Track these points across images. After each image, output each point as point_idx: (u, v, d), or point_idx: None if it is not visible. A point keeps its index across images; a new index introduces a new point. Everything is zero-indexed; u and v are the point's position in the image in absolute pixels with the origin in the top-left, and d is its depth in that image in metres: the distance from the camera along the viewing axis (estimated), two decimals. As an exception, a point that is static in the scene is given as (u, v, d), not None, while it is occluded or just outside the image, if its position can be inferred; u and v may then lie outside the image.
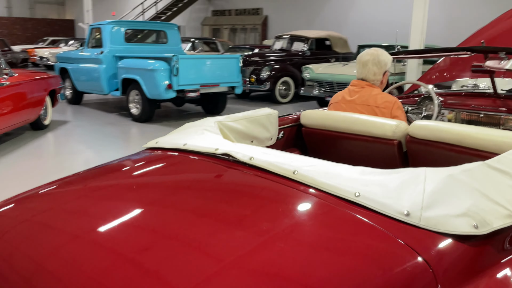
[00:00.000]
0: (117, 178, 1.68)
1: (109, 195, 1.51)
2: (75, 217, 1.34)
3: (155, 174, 1.70)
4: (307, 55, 11.46)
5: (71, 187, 1.61)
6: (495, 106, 3.10)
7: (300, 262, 1.05)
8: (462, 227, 1.17)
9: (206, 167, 1.62)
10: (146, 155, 1.84)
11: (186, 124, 2.19)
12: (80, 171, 1.76)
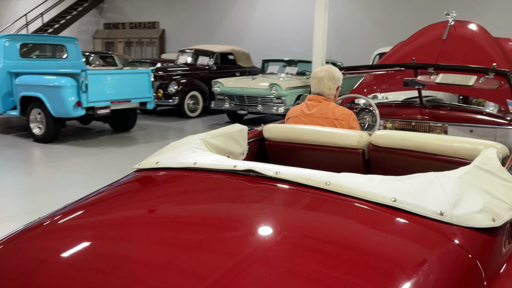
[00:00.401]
0: (146, 200, 1.63)
1: (161, 217, 1.48)
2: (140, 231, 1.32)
3: (191, 194, 1.67)
4: (213, 69, 11.60)
5: (102, 210, 1.57)
6: (422, 115, 3.50)
7: (373, 257, 1.17)
8: (485, 221, 1.36)
9: (235, 184, 1.64)
10: (161, 176, 1.80)
11: (172, 143, 2.17)
12: (90, 196, 1.68)
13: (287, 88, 9.30)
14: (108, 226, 1.45)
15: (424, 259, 1.23)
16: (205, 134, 2.32)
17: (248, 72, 12.42)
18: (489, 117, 3.30)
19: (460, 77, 3.09)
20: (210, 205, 1.56)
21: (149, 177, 1.82)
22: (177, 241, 1.30)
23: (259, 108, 9.38)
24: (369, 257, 1.22)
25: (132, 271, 1.15)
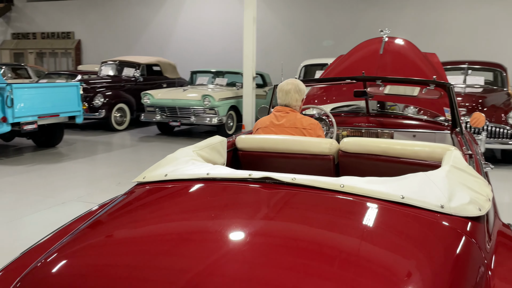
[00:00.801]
0: (181, 212, 1.69)
1: (205, 226, 1.56)
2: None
3: (220, 202, 1.76)
4: (140, 81, 11.42)
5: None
6: (369, 122, 3.85)
7: (396, 245, 1.39)
8: (474, 211, 1.63)
9: (255, 191, 1.76)
10: (178, 187, 1.86)
11: (167, 156, 2.23)
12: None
13: (219, 99, 9.45)
14: (159, 239, 1.51)
15: (437, 243, 1.47)
16: (194, 146, 2.42)
17: (175, 83, 12.40)
18: (429, 123, 3.73)
19: (406, 88, 3.48)
20: (245, 210, 1.68)
21: (164, 188, 1.89)
22: (239, 245, 1.41)
23: (192, 119, 9.43)
24: (393, 244, 1.43)
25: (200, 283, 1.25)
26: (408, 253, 1.39)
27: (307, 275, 1.24)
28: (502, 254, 1.65)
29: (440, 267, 1.34)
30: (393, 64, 4.17)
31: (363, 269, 1.29)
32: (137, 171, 6.59)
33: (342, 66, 4.48)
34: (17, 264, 1.71)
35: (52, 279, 1.37)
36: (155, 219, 1.67)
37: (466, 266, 1.41)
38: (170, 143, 9.20)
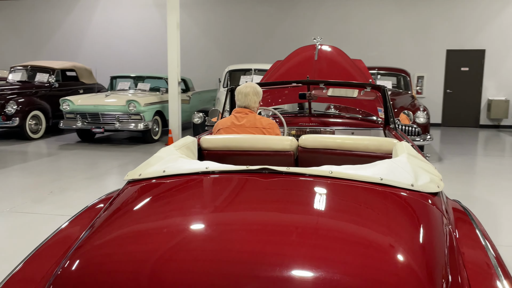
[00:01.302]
0: (197, 202, 1.84)
1: (227, 213, 1.74)
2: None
3: (230, 191, 1.92)
4: (55, 87, 10.91)
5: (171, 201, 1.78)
6: (311, 122, 4.21)
7: (380, 215, 1.71)
8: (435, 188, 2.00)
9: (256, 180, 1.97)
10: (179, 181, 2.00)
11: (155, 155, 2.36)
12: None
13: (145, 104, 9.39)
14: (189, 226, 1.67)
15: (414, 212, 1.81)
16: (173, 146, 2.57)
17: (92, 89, 12.00)
18: (364, 122, 4.18)
19: (346, 90, 3.88)
20: (254, 195, 1.88)
21: (165, 183, 2.02)
22: (257, 223, 1.63)
23: (117, 125, 9.25)
24: (379, 214, 1.75)
25: (231, 251, 1.45)
26: (394, 220, 1.71)
27: (318, 237, 1.53)
28: (459, 222, 2.04)
29: (419, 228, 1.67)
30: (328, 69, 4.58)
31: (362, 230, 1.62)
32: (67, 179, 6.43)
33: (281, 71, 4.81)
34: (23, 272, 1.75)
35: (91, 276, 1.46)
36: (176, 209, 1.81)
37: (438, 228, 1.75)
38: (93, 150, 8.94)
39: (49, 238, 1.99)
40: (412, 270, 1.41)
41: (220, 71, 14.00)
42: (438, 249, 1.61)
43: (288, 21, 14.18)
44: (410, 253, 1.48)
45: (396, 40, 13.56)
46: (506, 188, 6.36)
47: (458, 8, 13.14)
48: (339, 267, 1.40)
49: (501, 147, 10.30)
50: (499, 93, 13.28)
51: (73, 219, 2.14)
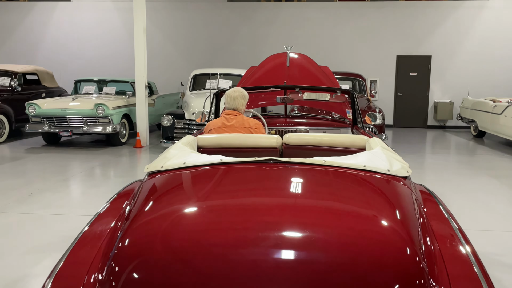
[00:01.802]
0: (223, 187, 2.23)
1: (247, 193, 2.14)
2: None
3: (245, 177, 2.32)
4: (17, 91, 10.82)
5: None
6: (287, 123, 4.67)
7: (369, 198, 2.17)
8: (405, 173, 2.50)
9: (265, 169, 2.38)
10: (200, 171, 2.37)
11: (167, 150, 2.73)
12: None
13: (113, 107, 9.55)
14: (221, 207, 2.06)
15: (392, 191, 2.28)
16: (181, 143, 2.94)
17: (53, 92, 11.96)
18: (333, 122, 4.69)
19: (319, 94, 4.36)
20: (266, 180, 2.29)
21: (185, 174, 2.40)
22: (269, 198, 2.05)
23: (85, 128, 9.36)
24: (365, 192, 2.22)
25: (262, 220, 1.87)
26: (377, 195, 2.18)
27: (321, 208, 1.98)
28: (425, 201, 2.54)
29: (397, 203, 2.15)
30: (299, 74, 5.06)
31: (354, 202, 2.08)
32: (42, 181, 6.58)
33: (256, 76, 5.24)
34: (74, 255, 2.00)
35: (148, 249, 1.79)
36: (205, 191, 2.20)
37: (410, 202, 2.24)
38: (61, 153, 9.01)
39: (89, 225, 2.27)
40: (395, 230, 1.87)
41: (182, 74, 14.31)
42: (412, 217, 2.09)
43: (248, 26, 14.66)
44: (392, 219, 1.95)
45: (350, 47, 14.35)
46: (451, 180, 7.11)
47: (407, 17, 14.12)
48: (342, 227, 1.84)
49: (446, 145, 11.22)
50: (444, 96, 14.36)
51: (106, 207, 2.45)
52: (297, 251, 1.69)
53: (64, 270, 1.89)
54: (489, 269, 3.58)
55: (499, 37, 13.95)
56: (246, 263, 1.65)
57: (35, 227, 4.74)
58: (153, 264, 1.68)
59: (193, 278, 1.63)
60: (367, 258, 1.66)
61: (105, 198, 6.03)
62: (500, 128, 10.41)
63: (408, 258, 1.70)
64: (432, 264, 1.81)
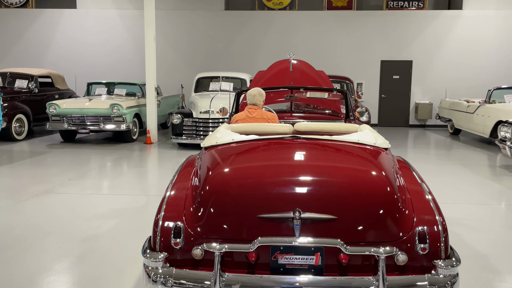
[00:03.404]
0: (268, 150, 3.30)
1: (280, 154, 3.21)
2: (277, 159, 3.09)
3: (279, 147, 3.37)
4: (35, 92, 11.74)
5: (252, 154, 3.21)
6: (292, 117, 5.74)
7: (361, 158, 3.26)
8: (386, 145, 3.59)
9: (289, 142, 3.43)
10: (247, 143, 3.42)
11: (217, 130, 3.79)
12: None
13: (127, 107, 10.54)
14: (269, 157, 3.14)
15: (377, 156, 3.36)
16: (223, 127, 3.99)
17: (64, 94, 12.89)
18: (330, 116, 5.79)
19: (320, 94, 5.45)
20: (292, 148, 3.35)
21: (235, 146, 3.44)
22: (294, 157, 3.13)
23: (102, 126, 10.34)
24: (360, 155, 3.29)
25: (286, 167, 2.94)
26: (367, 158, 3.25)
27: (328, 162, 3.05)
28: (401, 167, 3.62)
29: (382, 165, 3.22)
30: (301, 77, 6.15)
31: (352, 162, 3.15)
32: (74, 170, 7.55)
33: (265, 78, 6.32)
34: (171, 199, 3.03)
35: (231, 179, 2.87)
36: (255, 153, 3.26)
37: (391, 165, 3.32)
38: (80, 149, 9.97)
39: (173, 183, 3.24)
40: (380, 175, 2.95)
41: (181, 77, 15.34)
42: (391, 172, 3.17)
43: (245, 32, 15.76)
44: (378, 170, 3.03)
45: (338, 52, 15.55)
46: (431, 170, 8.27)
47: (390, 26, 15.36)
48: (345, 172, 2.93)
49: (426, 141, 12.43)
50: (424, 98, 15.63)
51: (179, 173, 3.45)
52: (317, 179, 2.78)
53: (169, 206, 2.90)
54: (452, 228, 4.78)
55: (473, 43, 15.28)
56: (288, 188, 2.73)
57: (86, 203, 5.74)
58: (229, 194, 2.75)
59: (255, 201, 2.69)
60: (362, 189, 2.74)
61: (134, 182, 7.06)
62: (473, 126, 11.65)
63: (388, 191, 2.77)
64: (403, 198, 2.88)
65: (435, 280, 2.50)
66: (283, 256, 2.58)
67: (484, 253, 4.19)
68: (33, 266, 3.78)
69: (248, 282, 2.53)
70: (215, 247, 2.53)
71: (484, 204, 5.94)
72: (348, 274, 2.57)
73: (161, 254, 2.62)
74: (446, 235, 2.64)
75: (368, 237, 2.60)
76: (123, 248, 4.22)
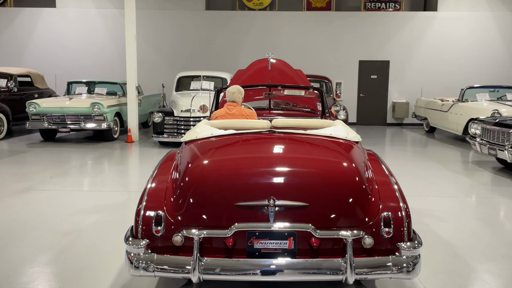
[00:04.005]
0: (241, 143, 3.46)
1: (254, 147, 3.37)
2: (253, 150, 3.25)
3: (254, 139, 3.54)
4: (14, 91, 11.68)
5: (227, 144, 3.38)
6: (270, 114, 5.93)
7: (332, 150, 3.46)
8: (357, 139, 3.80)
9: (265, 136, 3.61)
10: (223, 137, 3.59)
11: (198, 125, 3.94)
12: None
13: (108, 106, 10.59)
14: (243, 149, 3.31)
15: (349, 149, 3.56)
16: (203, 123, 4.14)
17: (44, 93, 12.84)
18: (307, 113, 5.99)
19: (297, 91, 5.63)
20: (268, 141, 3.53)
21: (214, 140, 3.60)
22: (270, 150, 3.30)
23: (82, 125, 10.36)
24: (332, 148, 3.49)
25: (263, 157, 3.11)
26: (339, 150, 3.45)
27: (301, 154, 3.24)
28: (371, 160, 3.83)
29: (352, 157, 3.42)
30: (279, 76, 6.34)
31: (324, 154, 3.34)
32: (55, 169, 7.57)
33: (244, 77, 6.48)
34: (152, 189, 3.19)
35: (208, 170, 3.03)
36: (232, 146, 3.43)
37: (361, 157, 3.53)
38: (61, 147, 9.98)
39: (155, 175, 3.39)
40: (350, 166, 3.14)
41: (162, 77, 15.41)
42: (361, 164, 3.37)
43: (224, 32, 15.90)
44: (349, 161, 3.23)
45: (318, 52, 15.82)
46: (406, 166, 8.55)
47: (368, 26, 15.70)
48: (317, 162, 3.12)
49: (403, 139, 12.76)
50: (401, 97, 16.01)
51: (160, 166, 3.60)
52: (291, 169, 2.96)
53: (150, 196, 3.03)
54: (421, 219, 5.03)
55: (447, 44, 15.72)
56: (263, 178, 2.90)
57: (68, 200, 5.83)
58: (207, 184, 2.91)
59: (233, 191, 2.85)
60: (332, 178, 2.94)
61: (116, 179, 7.15)
62: (447, 124, 12.03)
63: (357, 180, 2.97)
64: (370, 187, 3.08)
65: (398, 261, 2.70)
66: (258, 241, 2.75)
67: (450, 241, 4.44)
68: (17, 258, 3.88)
69: (227, 266, 2.69)
70: (195, 233, 2.69)
71: (454, 197, 6.22)
72: (319, 257, 2.76)
73: (143, 241, 2.76)
74: (409, 221, 2.85)
75: (338, 222, 2.79)
76: (105, 241, 4.34)
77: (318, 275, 2.67)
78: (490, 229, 4.87)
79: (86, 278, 3.53)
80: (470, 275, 3.67)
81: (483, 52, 15.77)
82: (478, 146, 7.99)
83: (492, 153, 7.55)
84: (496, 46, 15.78)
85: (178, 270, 2.70)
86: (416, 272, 2.72)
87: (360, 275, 2.66)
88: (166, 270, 2.71)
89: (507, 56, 15.81)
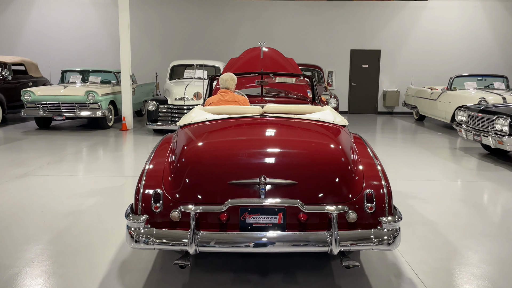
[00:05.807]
0: (234, 127, 3.65)
1: (245, 129, 3.57)
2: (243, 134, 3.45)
3: (247, 123, 3.73)
4: (8, 80, 11.75)
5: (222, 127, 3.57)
6: (262, 101, 6.12)
7: (320, 133, 3.66)
8: (344, 123, 4.01)
9: (257, 120, 3.80)
10: (217, 122, 3.78)
11: (193, 110, 4.12)
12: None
13: (102, 94, 10.71)
14: (234, 132, 3.50)
15: (336, 132, 3.77)
16: (198, 108, 4.33)
17: (38, 82, 12.91)
18: (298, 100, 6.18)
19: (288, 79, 5.81)
20: (260, 125, 3.72)
21: (209, 124, 3.79)
22: (261, 133, 3.50)
23: (77, 113, 10.49)
24: (320, 131, 3.69)
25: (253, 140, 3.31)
26: (327, 134, 3.65)
27: (291, 136, 3.44)
28: (357, 143, 4.03)
29: (338, 139, 3.63)
30: (271, 64, 6.52)
31: (312, 136, 3.54)
32: (52, 155, 7.74)
33: (237, 65, 6.66)
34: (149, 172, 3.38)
35: (203, 151, 3.23)
36: (227, 129, 3.62)
37: (348, 140, 3.73)
38: (56, 135, 10.12)
39: (152, 157, 3.59)
40: (337, 148, 3.35)
41: (155, 66, 15.51)
42: (348, 146, 3.58)
43: (217, 21, 16.00)
44: (335, 143, 3.44)
45: (310, 41, 15.97)
46: (396, 152, 8.80)
47: (359, 16, 15.86)
48: (306, 145, 3.32)
49: (393, 127, 13.01)
50: (392, 86, 16.24)
51: (157, 149, 3.79)
52: (281, 150, 3.15)
53: (149, 176, 3.22)
54: (406, 200, 5.27)
55: (437, 33, 15.94)
56: (255, 158, 3.10)
57: (66, 184, 6.00)
58: (203, 164, 3.10)
59: (226, 170, 3.05)
60: (319, 158, 3.14)
61: (111, 165, 7.33)
62: (436, 112, 12.29)
63: (342, 160, 3.18)
64: (355, 167, 3.29)
65: (379, 233, 2.93)
66: (250, 216, 2.96)
67: (432, 220, 4.68)
68: (20, 238, 4.07)
69: (222, 238, 2.90)
70: (191, 209, 2.89)
71: (439, 181, 6.47)
72: (307, 231, 2.98)
73: (142, 217, 2.96)
74: (390, 197, 3.07)
75: (324, 198, 3.00)
76: (105, 222, 4.54)
77: (306, 247, 2.89)
78: (471, 209, 5.12)
79: (88, 255, 3.73)
80: (449, 251, 3.92)
81: (472, 42, 16.01)
82: (464, 132, 8.24)
83: (477, 139, 7.81)
84: (486, 36, 16.03)
85: (176, 243, 2.90)
86: (396, 244, 2.95)
87: (344, 247, 2.88)
88: (165, 243, 2.91)
89: (496, 45, 16.07)
